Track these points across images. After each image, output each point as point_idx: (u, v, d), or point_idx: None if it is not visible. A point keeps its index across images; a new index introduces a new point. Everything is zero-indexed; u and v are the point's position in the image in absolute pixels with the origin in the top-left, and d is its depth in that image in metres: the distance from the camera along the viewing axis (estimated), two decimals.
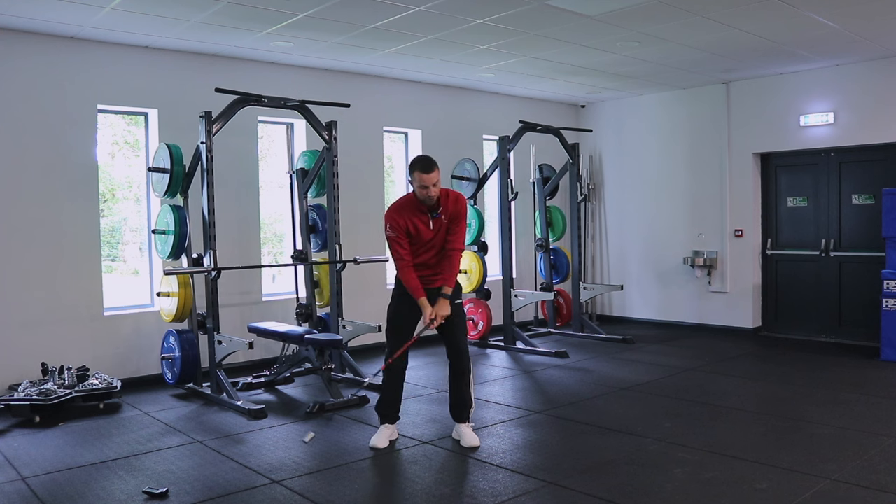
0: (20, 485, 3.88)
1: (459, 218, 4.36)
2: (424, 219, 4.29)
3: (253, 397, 5.71)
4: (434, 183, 4.17)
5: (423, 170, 4.16)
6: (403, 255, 4.28)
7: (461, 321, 4.43)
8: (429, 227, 4.29)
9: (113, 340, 6.13)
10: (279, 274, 7.43)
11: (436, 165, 4.20)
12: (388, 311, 4.45)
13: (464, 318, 4.46)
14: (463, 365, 4.38)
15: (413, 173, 4.20)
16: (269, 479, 3.88)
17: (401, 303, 4.39)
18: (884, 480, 3.67)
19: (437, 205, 4.28)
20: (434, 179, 4.17)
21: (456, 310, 4.38)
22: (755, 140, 8.20)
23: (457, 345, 4.37)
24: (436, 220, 4.29)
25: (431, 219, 4.29)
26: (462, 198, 4.44)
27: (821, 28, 6.00)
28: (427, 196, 4.21)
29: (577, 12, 5.47)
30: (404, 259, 4.28)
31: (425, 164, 4.18)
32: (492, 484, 3.76)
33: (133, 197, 6.75)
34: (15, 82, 5.65)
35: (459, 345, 4.37)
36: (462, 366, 4.38)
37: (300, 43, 6.25)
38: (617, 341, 7.89)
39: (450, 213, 4.32)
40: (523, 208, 8.84)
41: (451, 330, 4.36)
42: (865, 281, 7.46)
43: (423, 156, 4.29)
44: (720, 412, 5.09)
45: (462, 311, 4.46)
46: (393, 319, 4.42)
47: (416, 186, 4.22)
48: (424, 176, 4.16)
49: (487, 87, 8.51)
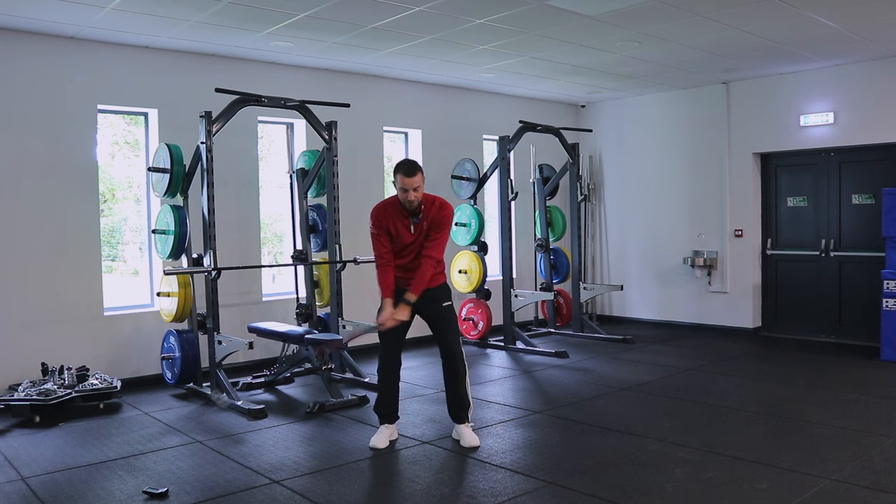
0: (20, 485, 3.88)
1: (440, 226, 4.30)
2: (406, 223, 4.30)
3: (253, 397, 5.72)
4: (415, 187, 4.17)
5: (405, 173, 4.17)
6: (383, 252, 4.30)
7: (453, 323, 4.43)
8: (409, 231, 4.30)
9: (113, 340, 6.13)
10: (279, 274, 7.43)
11: (419, 170, 4.20)
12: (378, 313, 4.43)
13: (455, 320, 4.46)
14: (456, 366, 4.38)
15: (396, 175, 4.21)
16: (269, 479, 3.88)
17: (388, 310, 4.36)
18: (884, 480, 3.68)
19: (419, 210, 4.28)
20: (415, 184, 4.17)
21: (447, 311, 4.40)
22: (755, 140, 8.20)
23: (449, 346, 4.38)
24: (416, 225, 4.29)
25: (413, 224, 4.29)
26: (448, 207, 4.39)
27: (821, 28, 6.00)
28: (407, 200, 4.21)
29: (577, 12, 5.47)
30: (383, 257, 4.30)
31: (408, 167, 4.19)
32: (492, 484, 3.77)
33: (133, 197, 6.75)
34: (15, 82, 5.65)
35: (452, 346, 4.37)
36: (456, 367, 4.38)
37: (300, 43, 6.25)
38: (617, 341, 7.89)
39: (431, 219, 4.29)
40: (523, 208, 8.84)
41: (443, 332, 4.38)
42: (865, 281, 7.46)
43: (407, 159, 4.33)
44: (720, 412, 5.09)
45: (453, 312, 4.46)
46: None
47: (397, 189, 4.23)
48: (406, 179, 4.17)
49: (487, 87, 8.51)
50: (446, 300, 4.43)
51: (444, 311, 4.39)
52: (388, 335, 4.37)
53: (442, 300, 4.39)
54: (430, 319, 4.43)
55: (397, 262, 4.34)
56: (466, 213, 7.85)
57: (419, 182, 4.19)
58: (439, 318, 4.38)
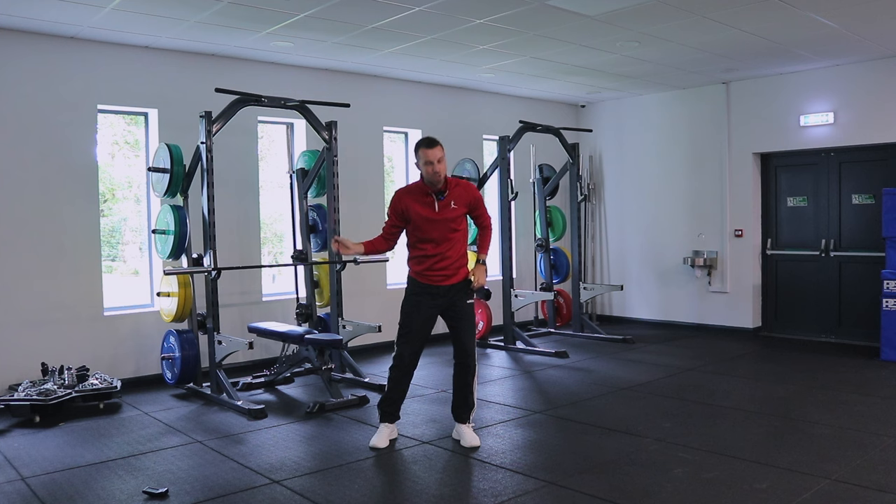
0: (20, 485, 3.88)
1: (478, 201, 4.45)
2: (429, 200, 4.27)
3: (253, 397, 5.71)
4: (438, 159, 4.20)
5: (427, 145, 4.21)
6: (385, 231, 4.42)
7: (470, 322, 4.41)
8: (434, 209, 4.26)
9: (113, 340, 6.13)
10: (279, 274, 7.43)
11: (439, 143, 4.25)
12: (402, 311, 4.39)
13: (473, 319, 4.44)
14: (469, 365, 4.37)
15: (418, 151, 4.24)
16: (269, 479, 3.88)
17: (414, 304, 4.34)
18: (884, 480, 3.68)
19: (445, 188, 4.28)
20: (438, 155, 4.20)
21: (467, 310, 4.38)
22: (755, 140, 8.20)
23: (464, 345, 4.36)
24: (441, 202, 4.27)
25: (437, 201, 4.27)
26: (472, 185, 4.51)
27: (821, 28, 6.00)
28: (433, 173, 4.20)
29: (577, 12, 5.47)
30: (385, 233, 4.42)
31: (429, 141, 4.25)
32: (492, 484, 3.77)
33: (133, 197, 6.75)
34: (15, 82, 5.65)
35: (467, 346, 4.36)
36: (468, 366, 4.37)
37: (300, 43, 6.25)
38: (617, 341, 7.89)
39: (464, 201, 4.35)
40: (523, 208, 8.84)
41: (462, 330, 4.36)
42: (865, 281, 7.46)
43: (425, 136, 4.36)
44: (720, 412, 5.09)
45: (472, 311, 4.43)
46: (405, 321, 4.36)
47: (421, 166, 4.24)
48: (429, 151, 4.19)
49: (487, 87, 8.51)
50: (470, 297, 4.41)
51: (467, 309, 4.38)
52: (414, 335, 4.34)
53: (467, 297, 4.38)
54: (451, 318, 4.38)
55: (421, 249, 4.30)
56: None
57: (441, 154, 4.21)
58: (460, 317, 4.35)
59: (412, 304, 4.36)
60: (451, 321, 4.40)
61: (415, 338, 4.35)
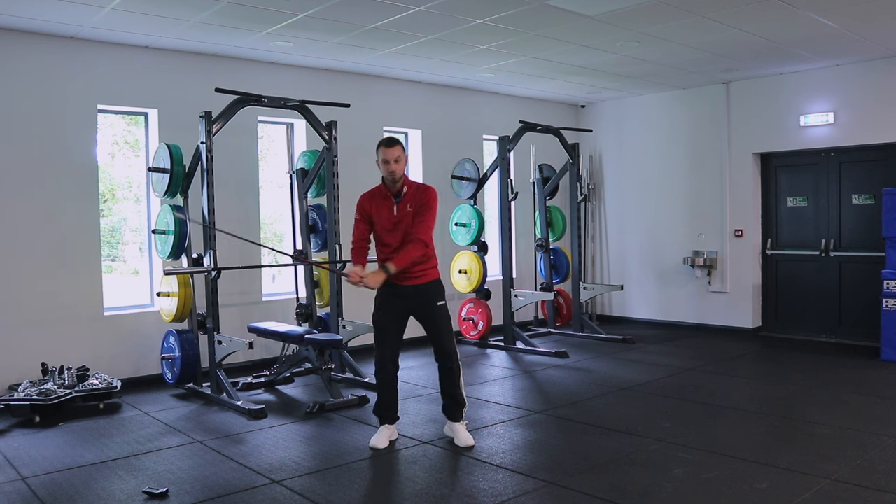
0: (20, 485, 3.88)
1: (424, 207, 4.32)
2: (388, 204, 4.36)
3: (253, 397, 5.72)
4: (395, 158, 4.26)
5: (386, 144, 4.30)
6: (358, 238, 4.45)
7: (446, 323, 4.41)
8: (392, 212, 4.34)
9: (113, 340, 6.13)
10: (279, 274, 7.43)
11: (399, 143, 4.33)
12: (373, 313, 4.47)
13: (448, 319, 4.44)
14: (451, 365, 4.38)
15: (378, 150, 4.31)
16: (269, 479, 3.88)
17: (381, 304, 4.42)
18: (884, 480, 3.68)
19: (401, 189, 4.34)
20: (396, 154, 4.26)
21: (440, 311, 4.39)
22: (755, 140, 8.20)
23: (443, 346, 4.38)
24: (399, 205, 4.34)
25: (395, 204, 4.34)
26: (431, 189, 4.42)
27: (821, 28, 6.00)
28: (390, 172, 4.28)
29: (577, 12, 5.47)
30: (357, 242, 4.45)
31: (389, 140, 4.33)
32: (492, 484, 3.76)
33: (133, 197, 6.75)
34: (15, 82, 5.65)
35: (445, 346, 4.38)
36: (450, 366, 4.38)
37: (300, 43, 6.25)
38: (617, 341, 7.89)
39: (415, 202, 4.33)
40: (523, 208, 8.84)
41: (437, 332, 4.38)
42: (865, 281, 7.46)
43: (387, 136, 4.44)
44: (720, 412, 5.09)
45: (446, 312, 4.43)
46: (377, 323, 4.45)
47: (380, 164, 4.31)
48: (387, 150, 4.27)
49: (487, 87, 8.51)
50: (440, 299, 4.40)
51: (438, 311, 4.38)
52: (385, 338, 4.39)
53: (436, 299, 4.38)
54: (424, 320, 4.41)
55: (382, 252, 4.40)
56: (466, 213, 7.85)
57: (399, 153, 4.28)
58: (433, 320, 4.37)
59: (379, 304, 4.43)
60: (424, 323, 4.43)
61: (391, 339, 4.41)
